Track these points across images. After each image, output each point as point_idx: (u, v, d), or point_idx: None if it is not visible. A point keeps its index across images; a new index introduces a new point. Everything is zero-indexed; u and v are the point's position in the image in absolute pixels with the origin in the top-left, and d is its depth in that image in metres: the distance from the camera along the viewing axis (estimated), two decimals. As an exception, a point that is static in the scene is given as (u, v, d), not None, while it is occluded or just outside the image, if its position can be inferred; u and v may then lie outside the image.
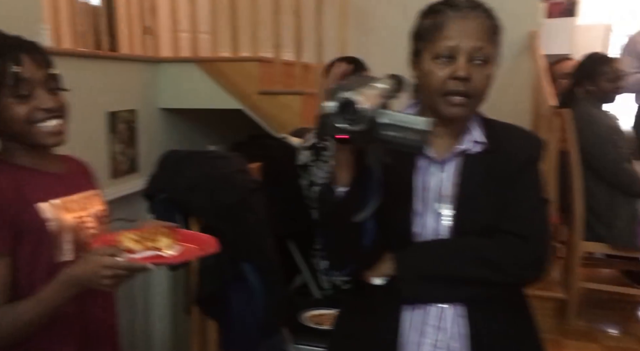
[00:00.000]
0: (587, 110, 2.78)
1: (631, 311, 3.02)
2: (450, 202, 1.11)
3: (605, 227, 2.72)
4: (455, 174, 1.12)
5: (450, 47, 1.06)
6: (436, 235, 1.11)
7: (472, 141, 1.13)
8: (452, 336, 1.10)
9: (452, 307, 1.11)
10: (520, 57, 3.59)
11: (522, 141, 1.17)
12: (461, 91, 1.07)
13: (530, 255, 1.10)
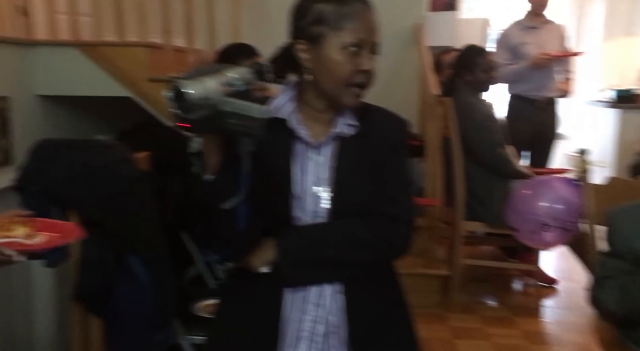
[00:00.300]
0: (466, 99, 2.98)
1: (507, 283, 3.30)
2: (328, 184, 1.15)
3: (483, 207, 2.94)
4: (332, 158, 1.16)
5: (361, 39, 1.09)
6: (315, 217, 1.15)
7: (345, 124, 1.17)
8: (331, 311, 1.17)
9: (330, 285, 1.17)
10: (407, 48, 3.76)
11: (390, 124, 1.23)
12: (364, 83, 1.12)
13: (398, 235, 1.19)
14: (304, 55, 1.13)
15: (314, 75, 1.13)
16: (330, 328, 1.17)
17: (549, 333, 2.70)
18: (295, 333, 1.17)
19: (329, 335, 1.17)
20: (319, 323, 1.16)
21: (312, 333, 1.16)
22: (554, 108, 3.86)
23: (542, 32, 3.72)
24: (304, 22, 1.12)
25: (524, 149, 3.75)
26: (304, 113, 1.17)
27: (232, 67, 0.98)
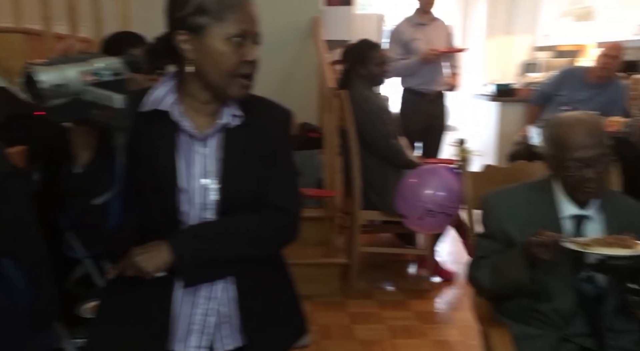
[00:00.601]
0: (361, 92, 3.07)
1: (403, 268, 3.47)
2: (215, 176, 1.14)
3: (379, 196, 3.05)
4: (218, 149, 1.16)
5: (245, 30, 1.09)
6: (204, 210, 1.14)
7: (231, 115, 1.16)
8: (222, 302, 1.18)
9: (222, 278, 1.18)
10: (304, 41, 3.81)
11: (276, 114, 1.24)
12: (250, 74, 1.12)
13: (289, 224, 1.22)
14: (186, 46, 1.11)
15: (197, 67, 1.11)
16: (222, 319, 1.18)
17: (439, 313, 2.86)
18: (186, 327, 1.16)
19: (221, 325, 1.18)
20: (210, 315, 1.17)
21: (203, 326, 1.17)
22: (443, 101, 4.09)
23: (430, 28, 3.92)
24: (184, 12, 1.09)
25: (417, 140, 3.95)
26: (187, 105, 1.15)
27: (101, 56, 0.95)
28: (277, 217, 1.19)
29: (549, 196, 1.54)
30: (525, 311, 1.52)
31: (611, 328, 1.44)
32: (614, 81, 3.92)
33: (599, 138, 1.45)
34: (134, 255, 1.12)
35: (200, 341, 1.17)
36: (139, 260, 1.12)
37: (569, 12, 5.62)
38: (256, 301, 1.21)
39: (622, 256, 1.29)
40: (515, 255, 1.46)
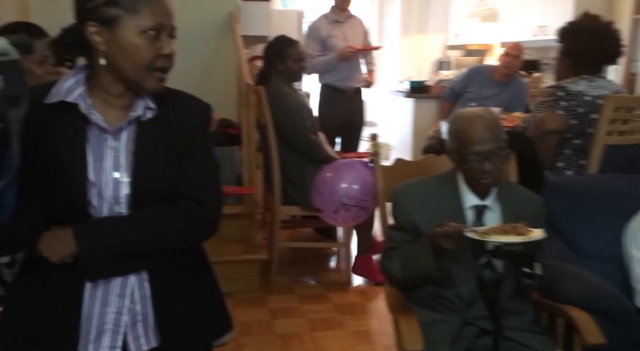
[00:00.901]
0: (279, 88, 3.08)
1: (323, 262, 3.53)
2: (127, 170, 1.12)
3: (298, 191, 3.07)
4: (131, 142, 1.14)
5: (160, 23, 1.08)
6: (115, 204, 1.12)
7: (144, 108, 1.14)
8: (135, 300, 1.15)
9: (135, 274, 1.15)
10: (222, 37, 3.76)
11: (192, 108, 1.22)
12: (167, 68, 1.11)
13: (207, 219, 1.20)
14: (97, 38, 1.08)
15: (109, 59, 1.09)
16: (136, 318, 1.15)
17: (357, 304, 2.94)
18: (97, 327, 1.13)
19: (135, 325, 1.15)
20: (124, 314, 1.14)
21: (116, 325, 1.14)
22: (361, 97, 4.20)
23: (346, 26, 4.00)
24: (94, 3, 1.06)
25: (336, 136, 4.03)
26: (98, 97, 1.12)
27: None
28: (192, 210, 1.17)
29: (454, 188, 1.62)
30: (432, 298, 1.60)
31: (507, 310, 1.55)
32: (517, 79, 4.20)
33: (497, 133, 1.55)
34: (40, 240, 1.10)
35: (114, 342, 1.14)
36: (41, 246, 1.09)
37: (476, 13, 5.94)
38: (172, 299, 1.18)
39: (516, 242, 1.39)
40: (423, 246, 1.53)
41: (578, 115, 2.24)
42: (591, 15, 2.32)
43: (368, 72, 4.18)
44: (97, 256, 1.10)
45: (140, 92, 1.13)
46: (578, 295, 1.62)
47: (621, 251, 1.95)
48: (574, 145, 2.30)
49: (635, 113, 2.27)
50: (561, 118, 2.25)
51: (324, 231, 3.69)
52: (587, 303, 1.59)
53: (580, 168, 2.30)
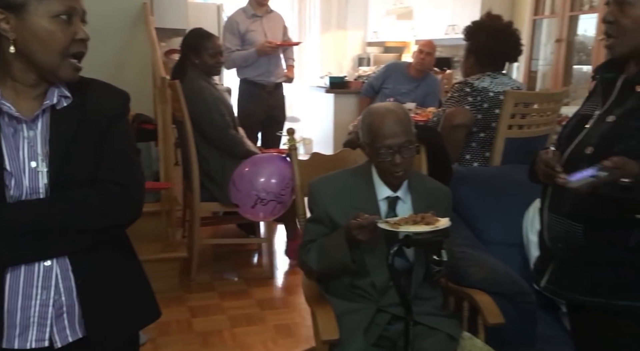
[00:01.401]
0: (195, 82, 3.01)
1: (246, 258, 3.51)
2: (44, 159, 1.09)
3: (218, 187, 3.03)
4: (47, 131, 1.11)
5: (72, 6, 1.05)
6: (34, 194, 1.09)
7: (60, 96, 1.12)
8: (59, 291, 1.12)
9: (57, 264, 1.12)
10: (136, 29, 3.62)
11: (109, 95, 1.21)
12: (83, 54, 1.09)
13: (128, 200, 1.18)
14: (3, 25, 1.04)
15: (19, 47, 1.05)
16: (62, 309, 1.13)
17: (279, 299, 2.96)
18: (22, 321, 1.10)
19: (60, 316, 1.13)
20: (49, 306, 1.12)
21: (41, 318, 1.11)
22: (282, 92, 4.20)
23: (265, 21, 3.98)
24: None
25: (257, 131, 4.01)
26: (9, 88, 1.09)
27: None
28: (110, 190, 1.15)
29: (368, 180, 1.68)
30: (347, 288, 1.65)
31: (418, 296, 1.63)
32: (430, 75, 4.38)
33: (407, 127, 1.61)
34: None
35: (40, 335, 1.12)
36: None
37: (392, 11, 6.12)
38: (98, 289, 1.16)
39: (425, 231, 1.46)
40: (339, 238, 1.57)
41: (483, 110, 2.38)
42: (493, 15, 2.48)
43: (287, 68, 4.19)
44: (10, 236, 1.06)
45: (54, 80, 1.10)
46: (481, 279, 1.73)
47: (522, 237, 2.10)
48: (479, 138, 2.44)
49: (532, 108, 2.45)
50: (468, 113, 2.38)
51: (247, 227, 3.67)
52: (489, 286, 1.70)
53: (485, 160, 2.45)
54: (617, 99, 1.30)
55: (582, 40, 4.01)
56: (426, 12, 5.50)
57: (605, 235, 1.27)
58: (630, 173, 1.12)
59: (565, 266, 1.38)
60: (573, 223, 1.31)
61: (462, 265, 1.80)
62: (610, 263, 1.28)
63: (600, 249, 1.29)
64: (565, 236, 1.34)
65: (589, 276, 1.32)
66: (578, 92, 3.97)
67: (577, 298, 1.36)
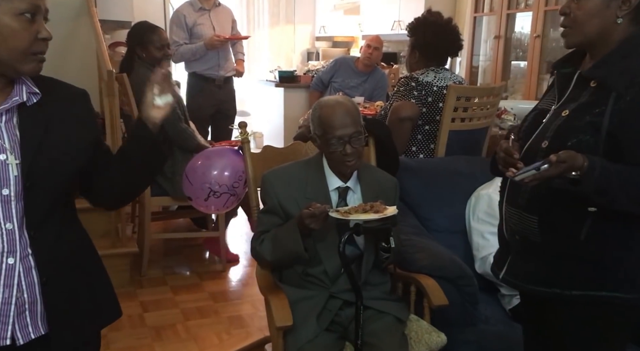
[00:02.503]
0: (144, 75, 2.97)
1: (198, 252, 3.50)
2: (12, 153, 1.09)
3: (169, 182, 3.01)
4: (14, 126, 1.11)
5: (36, 5, 1.06)
6: (5, 186, 1.09)
7: (27, 92, 1.12)
8: (21, 289, 1.12)
9: (20, 262, 1.12)
10: (78, 20, 3.53)
11: (73, 94, 1.22)
12: (44, 51, 1.09)
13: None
14: None
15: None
16: (24, 306, 1.13)
17: (232, 291, 2.98)
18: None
19: (22, 314, 1.13)
20: (11, 304, 1.11)
21: (3, 316, 1.11)
22: (231, 86, 4.19)
23: (213, 14, 3.96)
24: None
25: (207, 125, 3.99)
26: None
27: None
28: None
29: (319, 171, 1.73)
30: (300, 276, 1.70)
31: (367, 282, 1.70)
32: (378, 70, 4.49)
33: (356, 118, 1.67)
34: None
35: (2, 333, 1.11)
36: None
37: (340, 6, 6.20)
38: (61, 286, 1.17)
39: (373, 219, 1.53)
40: (291, 227, 1.62)
41: (428, 103, 2.49)
42: (434, 12, 2.58)
43: (237, 61, 4.18)
44: None
45: (15, 75, 1.10)
46: (427, 264, 1.83)
47: (465, 224, 2.22)
48: (425, 131, 2.54)
49: (473, 102, 2.57)
50: (414, 107, 2.47)
51: (200, 221, 3.66)
52: (433, 271, 1.80)
53: (430, 151, 2.56)
54: (573, 94, 1.33)
55: (518, 37, 4.21)
56: (373, 8, 5.60)
57: (559, 228, 1.29)
58: (577, 167, 1.15)
59: (522, 258, 1.39)
60: (528, 215, 1.33)
61: (409, 252, 1.89)
62: (564, 254, 1.30)
63: (554, 241, 1.30)
64: (520, 228, 1.36)
65: (545, 268, 1.34)
66: (515, 86, 4.18)
67: (533, 289, 1.37)
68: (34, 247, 1.13)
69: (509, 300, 2.04)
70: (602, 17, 1.26)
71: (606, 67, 1.27)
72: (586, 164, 1.16)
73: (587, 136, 1.23)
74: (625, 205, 1.19)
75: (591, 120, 1.24)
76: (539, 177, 1.17)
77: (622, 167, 1.19)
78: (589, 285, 1.29)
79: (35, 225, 1.12)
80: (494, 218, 2.06)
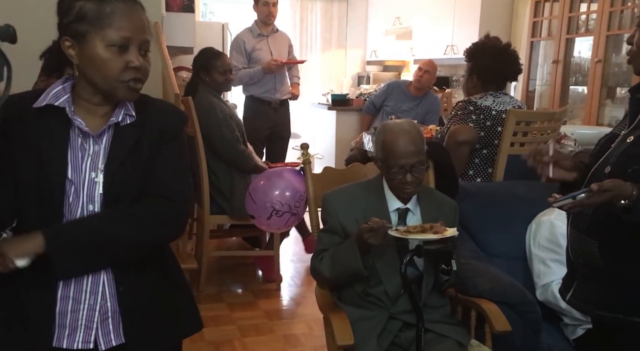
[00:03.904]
0: (207, 99, 3.11)
1: (251, 271, 3.56)
2: (102, 171, 1.18)
3: (227, 201, 3.11)
4: (108, 145, 1.20)
5: (125, 38, 1.13)
6: (89, 202, 1.18)
7: (124, 114, 1.21)
8: (105, 297, 1.20)
9: (104, 271, 1.20)
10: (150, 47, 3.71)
11: (167, 114, 1.29)
12: (137, 78, 1.16)
13: (173, 214, 1.24)
14: (71, 51, 1.16)
15: (82, 72, 1.17)
16: (107, 314, 1.20)
17: (286, 310, 3.02)
18: (71, 323, 1.19)
19: (105, 321, 1.21)
20: (95, 311, 1.20)
21: (89, 321, 1.19)
22: (287, 109, 4.31)
23: (271, 39, 4.11)
24: (67, 19, 1.15)
25: (262, 146, 4.11)
26: (80, 105, 1.20)
27: None
28: (161, 204, 1.21)
29: (379, 193, 1.76)
30: (360, 296, 1.72)
31: (427, 304, 1.70)
32: (430, 94, 4.50)
33: (420, 147, 1.68)
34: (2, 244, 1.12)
35: (86, 337, 1.20)
36: (3, 245, 1.10)
37: (391, 31, 6.27)
38: (138, 298, 1.23)
39: (433, 239, 1.54)
40: (351, 244, 1.64)
41: (486, 127, 2.49)
42: (492, 37, 2.60)
43: (292, 85, 4.30)
44: (65, 250, 1.13)
45: (115, 100, 1.20)
46: (487, 289, 1.81)
47: (524, 250, 2.19)
48: (482, 154, 2.54)
49: (533, 126, 2.55)
50: (472, 131, 2.48)
51: (252, 240, 3.74)
52: (495, 296, 1.78)
53: (488, 176, 2.54)
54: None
55: (577, 61, 4.15)
56: (425, 33, 5.64)
57: (619, 253, 1.29)
58: (626, 196, 1.16)
59: (587, 281, 1.39)
60: (589, 239, 1.34)
61: (469, 276, 1.88)
62: (626, 279, 1.29)
63: (614, 266, 1.30)
64: (583, 252, 1.36)
65: (607, 292, 1.34)
66: (574, 111, 4.10)
67: (597, 313, 1.38)
68: None
69: (573, 329, 1.99)
70: None
71: None
72: (635, 192, 1.16)
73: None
74: None
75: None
76: (578, 204, 1.19)
77: None
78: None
79: None
80: (556, 245, 2.03)
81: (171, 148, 1.26)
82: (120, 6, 1.15)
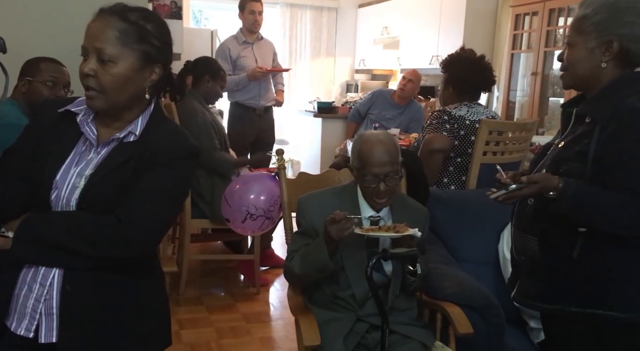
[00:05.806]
0: (190, 104, 3.15)
1: (232, 274, 3.59)
2: (87, 178, 1.23)
3: (208, 205, 3.15)
4: (103, 157, 1.25)
5: (83, 46, 1.20)
6: (67, 206, 1.23)
7: (129, 131, 1.25)
8: (51, 292, 1.23)
9: (59, 269, 1.24)
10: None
11: (169, 141, 1.26)
12: (90, 86, 1.20)
13: (119, 235, 1.19)
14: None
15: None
16: (52, 310, 1.23)
17: (264, 313, 3.05)
18: (20, 308, 1.23)
19: (50, 316, 1.23)
20: (39, 302, 1.23)
21: (33, 311, 1.23)
22: (271, 115, 4.36)
23: (256, 47, 4.17)
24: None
25: (247, 152, 4.15)
26: (100, 117, 1.27)
27: None
28: (114, 225, 1.19)
29: (353, 199, 1.80)
30: (329, 299, 1.77)
31: (395, 307, 1.75)
32: (414, 103, 4.58)
33: (394, 157, 1.73)
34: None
35: (29, 326, 1.23)
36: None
37: (379, 40, 6.35)
38: (83, 302, 1.22)
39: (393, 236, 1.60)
40: (319, 240, 1.67)
41: (460, 136, 2.55)
42: (467, 49, 2.67)
43: (277, 92, 4.36)
44: (23, 237, 1.21)
45: (121, 114, 1.26)
46: (453, 293, 1.87)
47: (494, 255, 2.25)
48: (457, 163, 2.60)
49: (505, 136, 2.62)
50: (445, 139, 2.54)
51: (233, 245, 3.77)
52: (460, 299, 1.84)
53: (461, 183, 2.60)
54: (572, 129, 1.50)
55: (556, 73, 4.24)
56: (412, 43, 5.73)
57: (555, 247, 1.45)
58: (552, 187, 1.35)
59: (528, 277, 1.56)
60: (529, 236, 1.51)
61: (437, 280, 1.93)
62: (562, 272, 1.45)
63: (552, 260, 1.46)
64: (525, 249, 1.53)
65: (546, 286, 1.49)
66: (552, 122, 4.18)
67: (538, 306, 1.54)
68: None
69: (537, 333, 2.04)
70: (588, 62, 1.43)
71: (594, 104, 1.43)
72: (561, 185, 1.34)
73: (576, 163, 1.39)
74: (602, 224, 1.34)
75: (580, 150, 1.39)
76: (511, 195, 1.39)
77: (600, 190, 1.33)
78: (585, 302, 1.42)
79: None
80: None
81: (157, 173, 1.22)
82: (94, 17, 1.22)
